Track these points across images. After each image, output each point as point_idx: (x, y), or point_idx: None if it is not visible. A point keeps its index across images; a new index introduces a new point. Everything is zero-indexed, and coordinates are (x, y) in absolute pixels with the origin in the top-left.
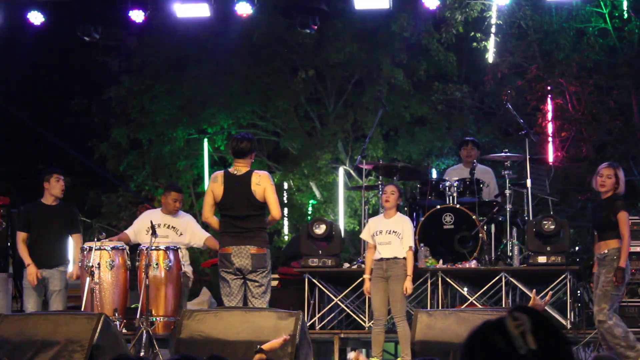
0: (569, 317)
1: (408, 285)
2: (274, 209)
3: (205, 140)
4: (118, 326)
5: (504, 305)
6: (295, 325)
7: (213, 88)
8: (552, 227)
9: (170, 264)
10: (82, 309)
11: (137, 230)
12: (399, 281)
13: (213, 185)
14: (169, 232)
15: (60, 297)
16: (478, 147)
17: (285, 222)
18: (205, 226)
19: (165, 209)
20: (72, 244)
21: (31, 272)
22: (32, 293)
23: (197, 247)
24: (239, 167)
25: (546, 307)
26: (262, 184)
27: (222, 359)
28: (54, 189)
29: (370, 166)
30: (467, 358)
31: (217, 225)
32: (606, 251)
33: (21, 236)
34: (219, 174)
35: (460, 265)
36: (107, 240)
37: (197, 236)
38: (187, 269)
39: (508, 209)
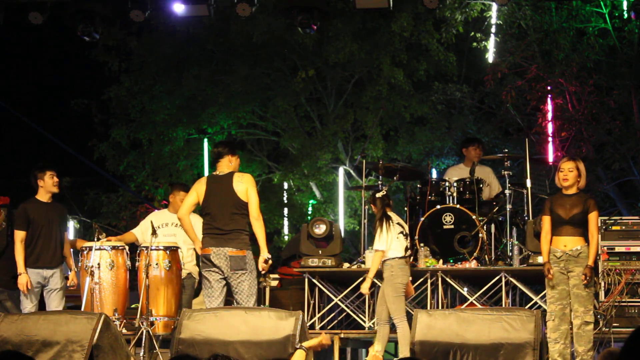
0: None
1: (363, 286)
2: (254, 209)
3: (205, 140)
4: (118, 326)
5: (504, 305)
6: (295, 325)
7: (213, 88)
8: None
9: (170, 264)
10: (82, 309)
11: (144, 229)
12: (386, 284)
13: (197, 186)
14: (177, 230)
15: (60, 295)
16: (483, 146)
17: (285, 222)
18: None
19: (172, 208)
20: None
21: (22, 282)
22: (27, 298)
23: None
24: (221, 169)
25: (546, 307)
26: (245, 183)
27: (227, 358)
28: (49, 186)
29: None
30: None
31: (188, 225)
32: (579, 247)
33: (20, 236)
34: (204, 176)
35: (460, 265)
36: (113, 238)
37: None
38: (193, 269)
39: (508, 209)
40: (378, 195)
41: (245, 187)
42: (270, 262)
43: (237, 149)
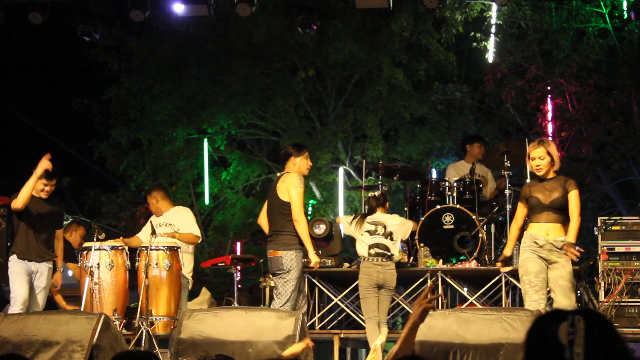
0: None
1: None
2: (293, 209)
3: (205, 140)
4: (118, 326)
5: (504, 305)
6: (295, 325)
7: (213, 88)
8: None
9: (169, 264)
10: (82, 309)
11: (146, 234)
12: None
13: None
14: (166, 229)
15: (44, 294)
16: (486, 145)
17: None
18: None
19: (155, 215)
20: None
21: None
22: (22, 279)
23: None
24: (286, 170)
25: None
26: (287, 182)
27: (229, 358)
28: (37, 190)
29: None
30: (526, 343)
31: (265, 228)
32: (563, 238)
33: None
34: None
35: (460, 265)
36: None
37: (187, 228)
38: (184, 271)
39: (508, 209)
40: (370, 194)
41: (286, 186)
42: (316, 265)
43: (300, 150)
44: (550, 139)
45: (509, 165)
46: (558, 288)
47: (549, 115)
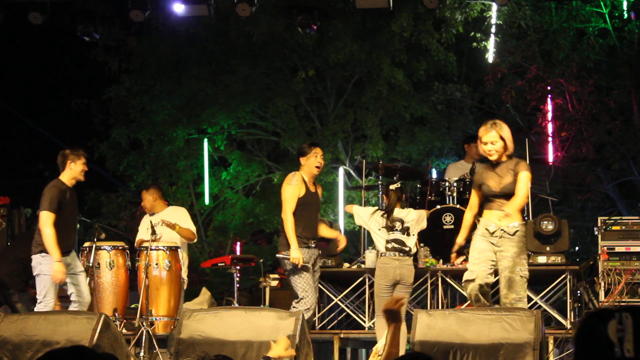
0: (568, 317)
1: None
2: (282, 206)
3: (205, 140)
4: (118, 326)
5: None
6: (295, 325)
7: (213, 88)
8: (552, 227)
9: (169, 264)
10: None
11: (142, 234)
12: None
13: None
14: (162, 229)
15: (84, 276)
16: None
17: None
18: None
19: (148, 212)
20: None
21: (61, 269)
22: (53, 288)
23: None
24: None
25: (546, 307)
26: (284, 182)
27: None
28: (79, 173)
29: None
30: (576, 341)
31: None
32: (516, 224)
33: (51, 218)
34: None
35: (460, 265)
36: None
37: (184, 226)
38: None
39: None
40: (392, 187)
41: (283, 185)
42: (295, 260)
43: (303, 152)
44: (550, 139)
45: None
46: (503, 280)
47: (549, 115)
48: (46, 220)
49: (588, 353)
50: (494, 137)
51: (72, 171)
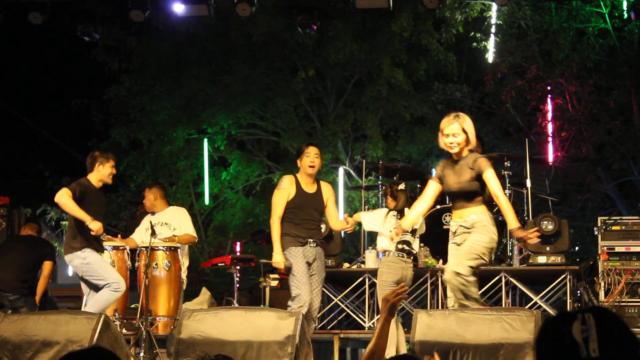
0: None
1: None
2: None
3: (205, 140)
4: (118, 326)
5: (504, 305)
6: (295, 325)
7: (213, 88)
8: (552, 227)
9: (169, 264)
10: (82, 309)
11: (140, 234)
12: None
13: None
14: (162, 229)
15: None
16: (484, 145)
17: None
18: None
19: (148, 210)
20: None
21: (98, 225)
22: (108, 266)
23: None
24: None
25: (546, 307)
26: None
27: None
28: (106, 176)
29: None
30: (537, 346)
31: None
32: (474, 217)
33: (69, 194)
34: None
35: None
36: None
37: (184, 228)
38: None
39: None
40: (400, 187)
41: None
42: (275, 265)
43: (298, 153)
44: (550, 139)
45: (508, 165)
46: (453, 257)
47: (549, 115)
48: (63, 193)
49: (552, 356)
50: (456, 129)
51: (100, 173)
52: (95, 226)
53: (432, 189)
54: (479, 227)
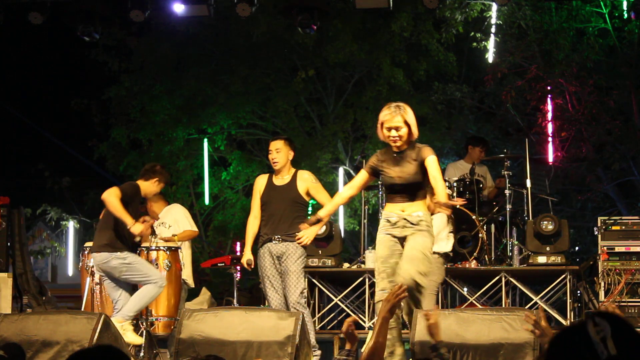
0: (568, 317)
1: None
2: None
3: (205, 140)
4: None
5: (504, 305)
6: (295, 325)
7: (213, 88)
8: (552, 227)
9: (170, 264)
10: (82, 309)
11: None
12: None
13: None
14: (160, 229)
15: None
16: (488, 150)
17: None
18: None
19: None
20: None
21: (141, 227)
22: (147, 264)
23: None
24: None
25: (546, 307)
26: None
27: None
28: (151, 192)
29: None
30: (553, 351)
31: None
32: (421, 214)
33: (117, 193)
34: None
35: (460, 265)
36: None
37: (180, 225)
38: (185, 275)
39: (508, 209)
40: None
41: None
42: (244, 262)
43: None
44: (550, 139)
45: (508, 165)
46: (405, 257)
47: (549, 115)
48: (112, 192)
49: (568, 356)
50: (399, 122)
51: (150, 186)
52: (137, 229)
53: (360, 179)
54: (424, 226)
